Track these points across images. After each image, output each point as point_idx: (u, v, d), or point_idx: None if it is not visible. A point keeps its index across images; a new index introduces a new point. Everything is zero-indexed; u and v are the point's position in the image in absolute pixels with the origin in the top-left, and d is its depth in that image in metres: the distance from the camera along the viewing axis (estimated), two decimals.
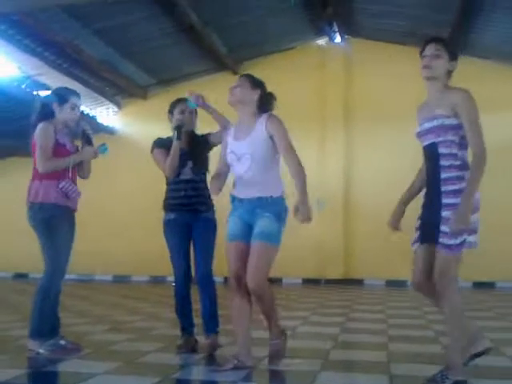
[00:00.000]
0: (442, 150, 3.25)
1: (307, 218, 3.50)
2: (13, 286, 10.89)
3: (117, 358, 4.04)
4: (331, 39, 10.77)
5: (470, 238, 3.19)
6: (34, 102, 4.48)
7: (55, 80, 10.27)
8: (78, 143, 4.47)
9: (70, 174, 4.25)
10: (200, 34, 9.50)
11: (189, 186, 4.30)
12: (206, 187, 4.30)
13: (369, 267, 10.33)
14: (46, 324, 4.12)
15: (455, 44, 9.63)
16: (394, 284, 9.83)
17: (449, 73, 3.39)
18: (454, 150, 3.24)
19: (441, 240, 3.16)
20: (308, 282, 10.58)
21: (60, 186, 4.19)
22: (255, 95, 3.83)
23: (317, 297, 8.40)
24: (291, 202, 3.62)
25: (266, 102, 3.86)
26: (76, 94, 4.47)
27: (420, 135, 3.39)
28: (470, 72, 10.13)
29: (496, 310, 6.89)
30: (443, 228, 3.16)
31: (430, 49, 3.36)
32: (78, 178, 4.42)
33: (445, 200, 3.18)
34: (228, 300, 3.84)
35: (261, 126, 3.74)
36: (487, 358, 3.92)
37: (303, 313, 6.51)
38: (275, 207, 3.67)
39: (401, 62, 9.91)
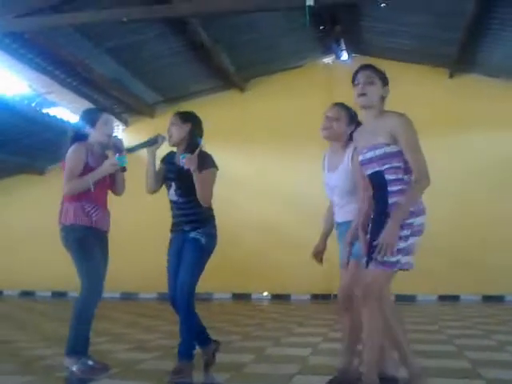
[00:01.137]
0: (388, 176, 3.26)
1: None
2: (19, 303, 10.90)
3: (147, 377, 4.06)
4: (338, 57, 10.87)
5: (404, 259, 3.20)
6: (67, 132, 4.47)
7: (65, 98, 10.37)
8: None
9: (94, 195, 4.25)
10: (209, 52, 9.59)
11: (176, 206, 4.26)
12: (194, 207, 4.17)
13: None
14: (81, 343, 4.14)
15: (463, 62, 9.79)
16: (403, 299, 9.83)
17: (382, 99, 3.37)
18: (400, 175, 3.25)
19: (374, 255, 3.16)
20: (317, 297, 10.60)
21: (84, 207, 4.22)
22: (350, 130, 3.76)
23: (330, 312, 8.42)
24: None
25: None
26: (103, 109, 4.56)
27: (363, 163, 3.38)
28: (479, 90, 10.31)
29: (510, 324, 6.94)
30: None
31: (363, 76, 3.35)
32: (109, 195, 4.46)
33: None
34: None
35: (347, 159, 3.73)
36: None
37: (321, 329, 6.54)
38: None
39: (408, 80, 10.02)
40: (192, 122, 4.26)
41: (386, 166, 3.26)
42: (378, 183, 3.33)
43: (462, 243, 10.05)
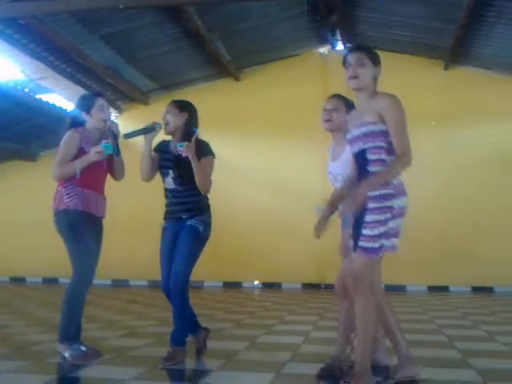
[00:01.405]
0: (370, 156, 3.27)
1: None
2: (10, 289, 10.90)
3: (140, 363, 4.09)
4: (333, 47, 10.87)
5: (387, 242, 3.21)
6: (64, 119, 4.45)
7: (58, 84, 10.31)
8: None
9: (89, 180, 4.24)
10: (204, 40, 9.55)
11: (172, 195, 4.28)
12: (191, 195, 4.21)
13: None
14: (72, 328, 4.16)
15: (458, 54, 9.81)
16: (394, 289, 9.89)
17: (374, 79, 3.37)
18: (383, 156, 3.26)
19: (360, 243, 3.19)
20: (308, 286, 10.65)
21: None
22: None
23: (321, 302, 8.48)
24: None
25: None
26: (98, 94, 4.52)
27: (350, 142, 3.40)
28: (474, 82, 10.33)
29: (501, 315, 7.02)
30: (365, 231, 3.18)
31: (353, 58, 3.34)
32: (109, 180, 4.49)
33: (369, 204, 3.19)
34: None
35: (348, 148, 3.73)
36: (505, 362, 4.07)
37: (312, 317, 6.59)
38: None
39: (403, 71, 10.04)
40: (188, 111, 4.28)
41: (369, 145, 3.27)
42: (360, 162, 3.36)
43: (452, 235, 10.11)
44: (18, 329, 5.73)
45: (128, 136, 4.20)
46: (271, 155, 10.99)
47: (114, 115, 10.59)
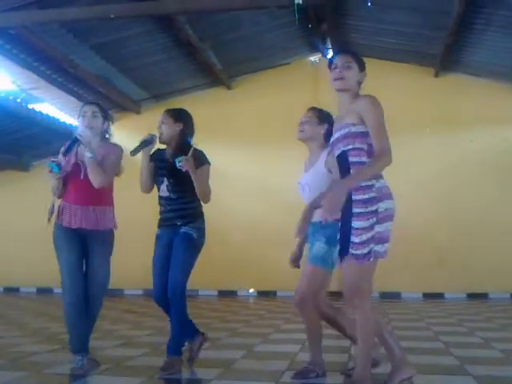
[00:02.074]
0: (351, 158, 3.27)
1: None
2: (3, 299, 10.82)
3: (138, 373, 4.07)
4: (324, 55, 10.91)
5: (378, 248, 3.19)
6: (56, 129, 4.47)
7: (50, 94, 10.30)
8: None
9: (68, 193, 4.24)
10: (196, 49, 9.57)
11: (166, 202, 4.28)
12: (186, 202, 4.24)
13: None
14: (73, 341, 4.14)
15: (448, 61, 9.88)
16: (389, 296, 9.93)
17: (359, 84, 3.41)
18: (364, 158, 3.25)
19: (350, 250, 3.17)
20: None
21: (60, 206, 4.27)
22: (322, 130, 3.93)
23: None
24: None
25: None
26: (87, 102, 4.49)
27: (332, 145, 3.42)
28: (463, 89, 10.41)
29: (497, 321, 7.03)
30: (353, 238, 3.17)
31: (340, 60, 3.37)
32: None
33: (354, 209, 3.18)
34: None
35: (321, 160, 3.86)
36: (502, 369, 4.08)
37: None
38: (326, 230, 3.69)
39: (393, 78, 10.12)
40: (184, 121, 4.30)
41: (350, 147, 3.27)
42: (342, 165, 3.36)
43: (447, 242, 10.15)
44: (13, 340, 5.69)
45: (133, 153, 4.19)
46: (263, 163, 11.00)
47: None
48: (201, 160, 4.20)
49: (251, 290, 10.99)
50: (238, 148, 11.11)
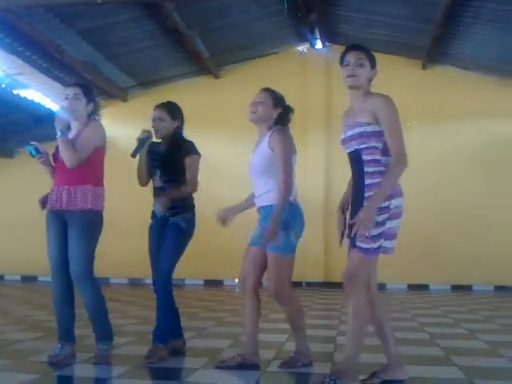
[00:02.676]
0: (365, 156, 3.28)
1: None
2: None
3: (123, 362, 4.05)
4: (312, 45, 10.88)
5: (386, 244, 3.25)
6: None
7: (35, 80, 10.17)
8: None
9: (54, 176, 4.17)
10: (183, 37, 9.50)
11: (160, 193, 4.31)
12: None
13: None
14: (60, 327, 4.10)
15: (435, 54, 9.90)
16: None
17: (369, 81, 3.41)
18: (378, 156, 3.27)
19: (358, 244, 3.19)
20: None
21: None
22: (275, 114, 3.92)
23: (302, 300, 8.46)
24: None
25: (284, 118, 3.97)
26: (68, 85, 4.42)
27: (343, 142, 3.42)
28: (451, 82, 10.45)
29: (481, 313, 7.08)
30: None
31: (353, 56, 3.35)
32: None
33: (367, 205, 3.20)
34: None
35: (266, 140, 3.87)
36: (487, 360, 4.11)
37: None
38: (281, 216, 3.68)
39: (381, 70, 9.95)
40: (180, 118, 4.39)
41: (364, 146, 3.27)
42: (355, 162, 3.36)
43: (432, 234, 10.20)
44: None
45: (134, 155, 4.22)
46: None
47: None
48: (189, 149, 4.29)
49: (237, 280, 10.97)
50: (226, 137, 11.06)
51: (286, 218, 3.71)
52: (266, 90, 4.01)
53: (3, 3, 7.50)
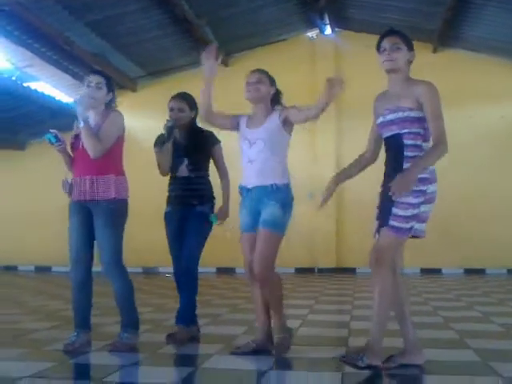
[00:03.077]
0: (406, 141, 3.30)
1: None
2: (1, 278, 10.83)
3: (139, 349, 4.07)
4: (321, 31, 10.82)
5: (418, 226, 3.29)
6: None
7: (45, 72, 10.22)
8: None
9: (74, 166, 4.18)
10: (192, 26, 9.49)
11: (184, 182, 4.39)
12: (203, 183, 4.47)
13: (360, 256, 10.44)
14: (75, 316, 4.13)
15: (446, 37, 9.82)
16: None
17: (409, 63, 3.43)
18: (419, 142, 3.30)
19: (391, 222, 3.22)
20: (301, 271, 10.68)
21: None
22: (272, 90, 4.01)
23: (315, 285, 8.50)
24: None
25: (277, 98, 4.05)
26: (90, 72, 4.35)
27: (382, 125, 3.42)
28: (462, 65, 10.37)
29: (494, 296, 7.07)
30: (395, 211, 3.21)
31: (389, 42, 3.37)
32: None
33: None
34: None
35: (275, 116, 3.89)
36: (502, 342, 4.10)
37: (307, 301, 6.61)
38: (280, 195, 3.78)
39: None
40: (196, 109, 4.45)
41: (406, 130, 3.30)
42: (394, 147, 3.37)
43: (445, 218, 10.11)
44: (13, 317, 5.69)
45: (166, 144, 4.31)
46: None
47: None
48: (213, 140, 4.50)
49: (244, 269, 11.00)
50: None
51: (286, 199, 3.80)
52: (259, 70, 4.04)
53: None
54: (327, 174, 10.38)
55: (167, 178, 4.55)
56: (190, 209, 4.34)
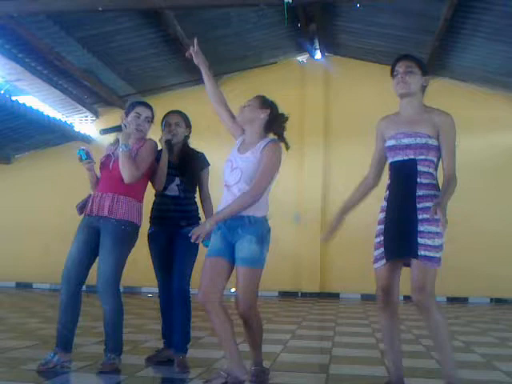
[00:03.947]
0: (421, 167, 3.27)
1: None
2: None
3: (118, 371, 4.01)
4: (312, 56, 10.90)
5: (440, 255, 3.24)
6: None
7: (35, 86, 10.18)
8: None
9: (91, 186, 4.24)
10: (183, 46, 9.51)
11: (173, 202, 4.32)
12: (192, 203, 4.42)
13: (345, 281, 10.46)
14: (59, 335, 4.08)
15: (434, 66, 9.92)
16: (370, 298, 9.93)
17: (423, 88, 3.42)
18: (431, 170, 3.29)
19: (423, 253, 3.15)
20: (284, 294, 10.63)
21: None
22: (263, 114, 3.80)
23: (298, 310, 8.46)
24: None
25: (274, 123, 3.86)
26: (139, 103, 4.38)
27: (394, 149, 3.35)
28: (448, 94, 10.45)
29: (476, 325, 7.06)
30: (424, 241, 3.17)
31: (402, 66, 3.37)
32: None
33: (422, 215, 3.19)
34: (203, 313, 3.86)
35: (259, 147, 3.73)
36: (482, 373, 4.09)
37: (290, 326, 6.57)
38: (256, 228, 3.63)
39: (380, 80, 9.99)
40: (190, 126, 4.54)
41: (422, 157, 3.27)
42: (406, 172, 3.31)
43: None
44: None
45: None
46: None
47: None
48: (206, 163, 4.51)
49: (233, 290, 10.93)
50: (224, 146, 10.98)
51: (263, 232, 3.66)
52: (256, 96, 3.93)
53: (5, 10, 7.49)
54: (314, 196, 10.63)
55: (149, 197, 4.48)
56: (178, 230, 4.25)
